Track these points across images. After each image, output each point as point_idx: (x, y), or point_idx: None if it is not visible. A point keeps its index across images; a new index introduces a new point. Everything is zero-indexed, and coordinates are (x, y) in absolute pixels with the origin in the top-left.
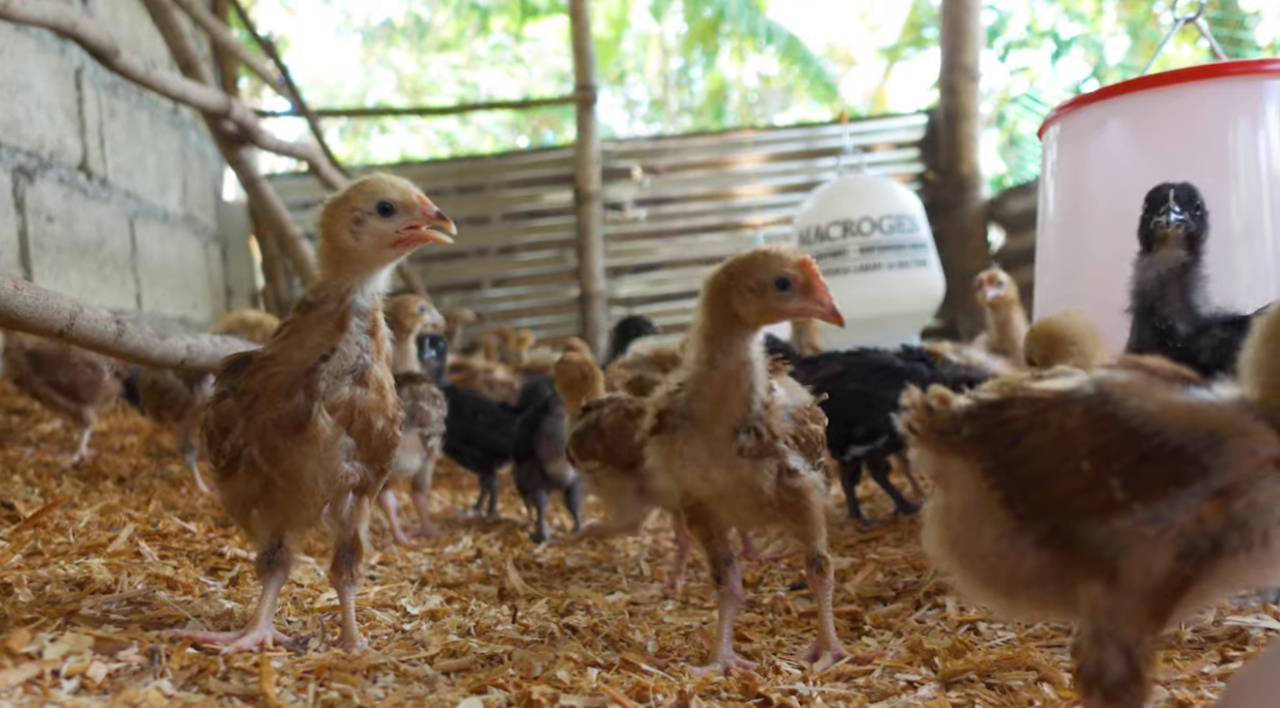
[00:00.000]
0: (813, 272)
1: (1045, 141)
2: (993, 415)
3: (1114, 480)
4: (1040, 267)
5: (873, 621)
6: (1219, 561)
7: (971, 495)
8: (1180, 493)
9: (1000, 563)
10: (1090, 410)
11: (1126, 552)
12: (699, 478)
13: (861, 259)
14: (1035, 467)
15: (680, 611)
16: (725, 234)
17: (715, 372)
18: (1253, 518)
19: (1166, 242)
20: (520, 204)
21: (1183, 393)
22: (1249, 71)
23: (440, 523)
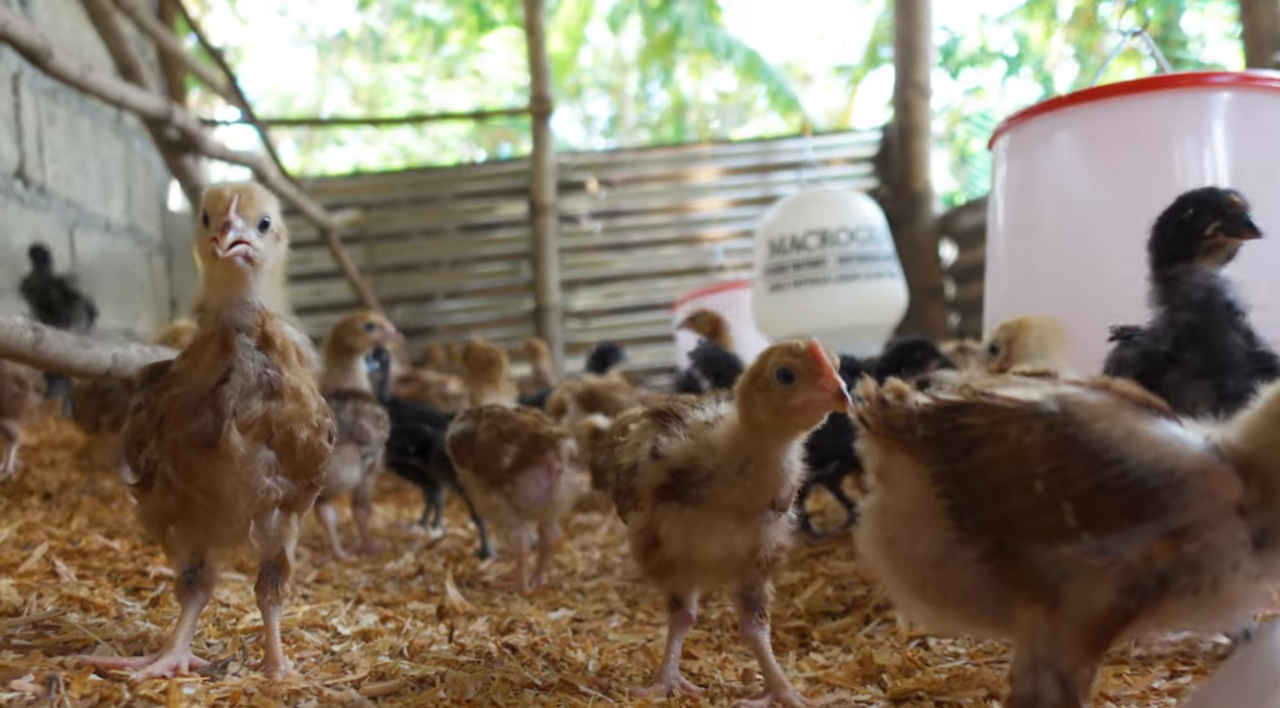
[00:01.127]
0: (816, 357)
1: (995, 153)
2: (949, 419)
3: (1067, 506)
4: (991, 277)
5: (821, 636)
6: (1164, 600)
7: (916, 499)
8: (1133, 528)
9: (935, 573)
10: (1051, 428)
11: (1070, 579)
12: (720, 547)
13: (841, 269)
14: (987, 480)
15: (626, 627)
16: (682, 247)
17: (749, 479)
18: (1205, 561)
19: (1217, 252)
20: (475, 216)
21: (1151, 424)
22: (1195, 84)
23: (384, 539)
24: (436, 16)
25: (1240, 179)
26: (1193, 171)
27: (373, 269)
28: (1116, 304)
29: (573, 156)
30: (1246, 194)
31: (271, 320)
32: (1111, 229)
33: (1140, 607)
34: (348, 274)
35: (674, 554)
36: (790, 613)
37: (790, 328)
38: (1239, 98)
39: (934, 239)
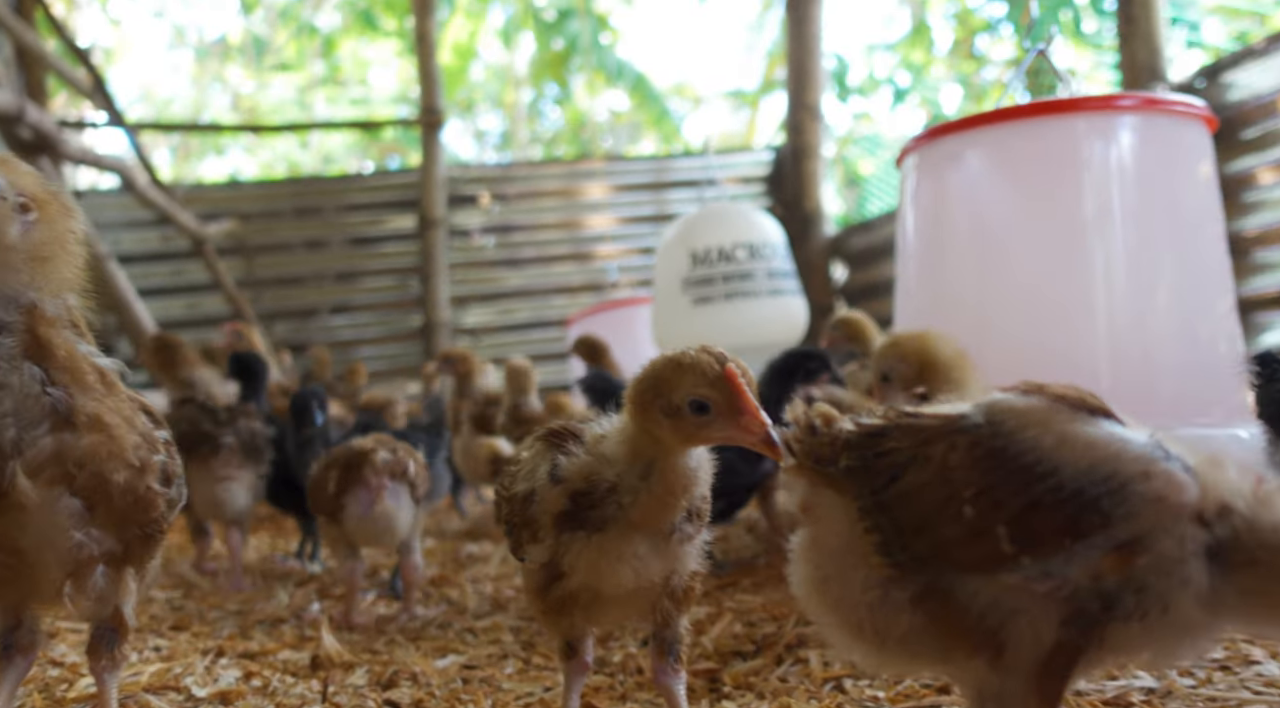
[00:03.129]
0: (737, 389)
1: (904, 171)
2: (872, 446)
3: (1000, 529)
4: (901, 295)
5: (732, 680)
6: (1111, 626)
7: (845, 535)
8: (1077, 545)
9: (872, 615)
10: (977, 444)
11: (1014, 618)
12: (632, 574)
13: (770, 283)
14: (914, 509)
15: (521, 673)
16: (575, 264)
17: (653, 482)
18: (1154, 579)
19: None
20: (362, 229)
21: (1087, 425)
22: (1102, 107)
23: (254, 575)
24: (323, 24)
25: (1144, 199)
26: (1099, 191)
27: (252, 282)
28: (1026, 322)
29: (464, 170)
30: (1150, 215)
31: (45, 323)
32: (1021, 247)
33: (1087, 638)
34: (224, 287)
35: (578, 587)
36: (699, 653)
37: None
38: (1143, 120)
39: (825, 259)
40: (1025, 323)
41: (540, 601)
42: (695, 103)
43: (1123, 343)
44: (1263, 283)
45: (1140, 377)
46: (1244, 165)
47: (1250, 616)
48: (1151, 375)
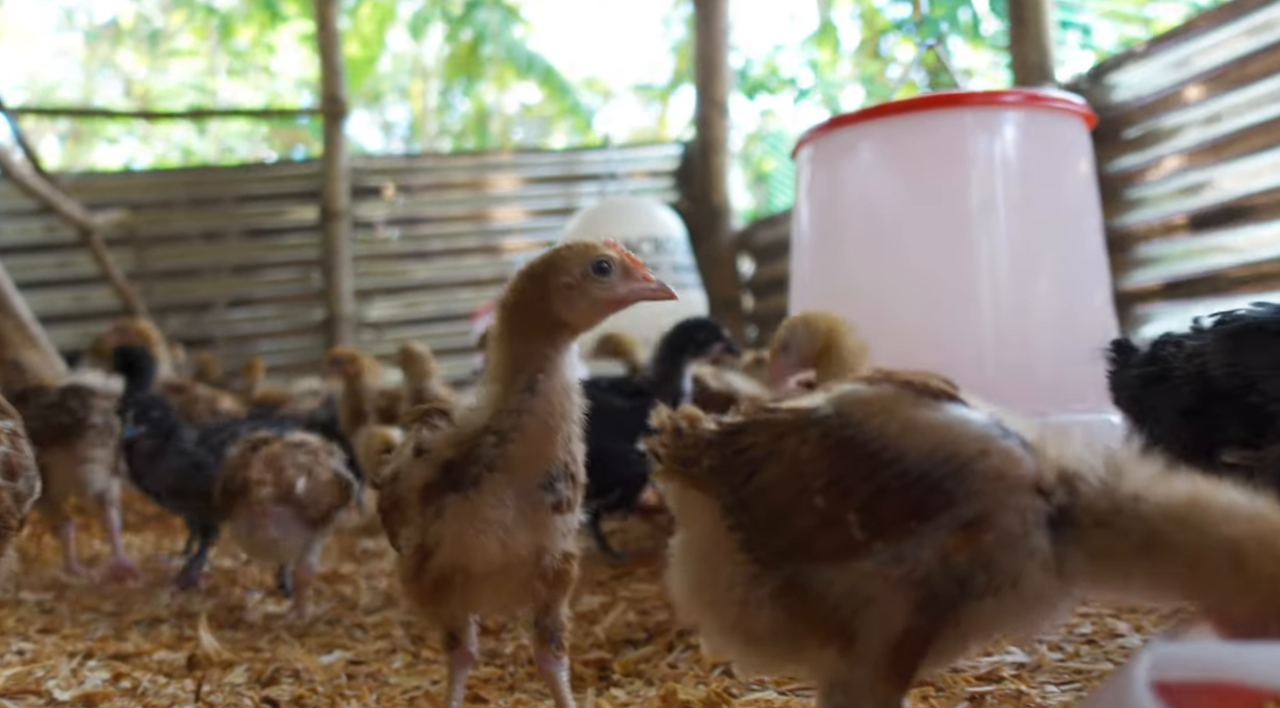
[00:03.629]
0: (625, 252)
1: (799, 163)
2: (732, 443)
3: (851, 517)
4: (796, 285)
5: (622, 668)
6: (964, 607)
7: (712, 536)
8: (924, 527)
9: (740, 614)
10: (827, 435)
11: (866, 606)
12: (499, 547)
13: (674, 277)
14: (771, 503)
15: (410, 668)
16: (484, 257)
17: (538, 398)
18: (1001, 555)
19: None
20: (262, 220)
21: (930, 410)
22: (987, 102)
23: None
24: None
25: (1027, 189)
26: (984, 184)
27: (143, 275)
28: (916, 311)
29: (368, 161)
30: (1032, 208)
31: None
32: (910, 238)
33: (940, 622)
34: (112, 279)
35: (449, 567)
36: (590, 643)
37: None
38: (1027, 115)
39: (733, 253)
40: (915, 312)
41: (414, 587)
42: (606, 96)
43: (1005, 331)
44: (1145, 276)
45: (1021, 364)
46: (1127, 163)
47: (1099, 578)
48: (1032, 363)
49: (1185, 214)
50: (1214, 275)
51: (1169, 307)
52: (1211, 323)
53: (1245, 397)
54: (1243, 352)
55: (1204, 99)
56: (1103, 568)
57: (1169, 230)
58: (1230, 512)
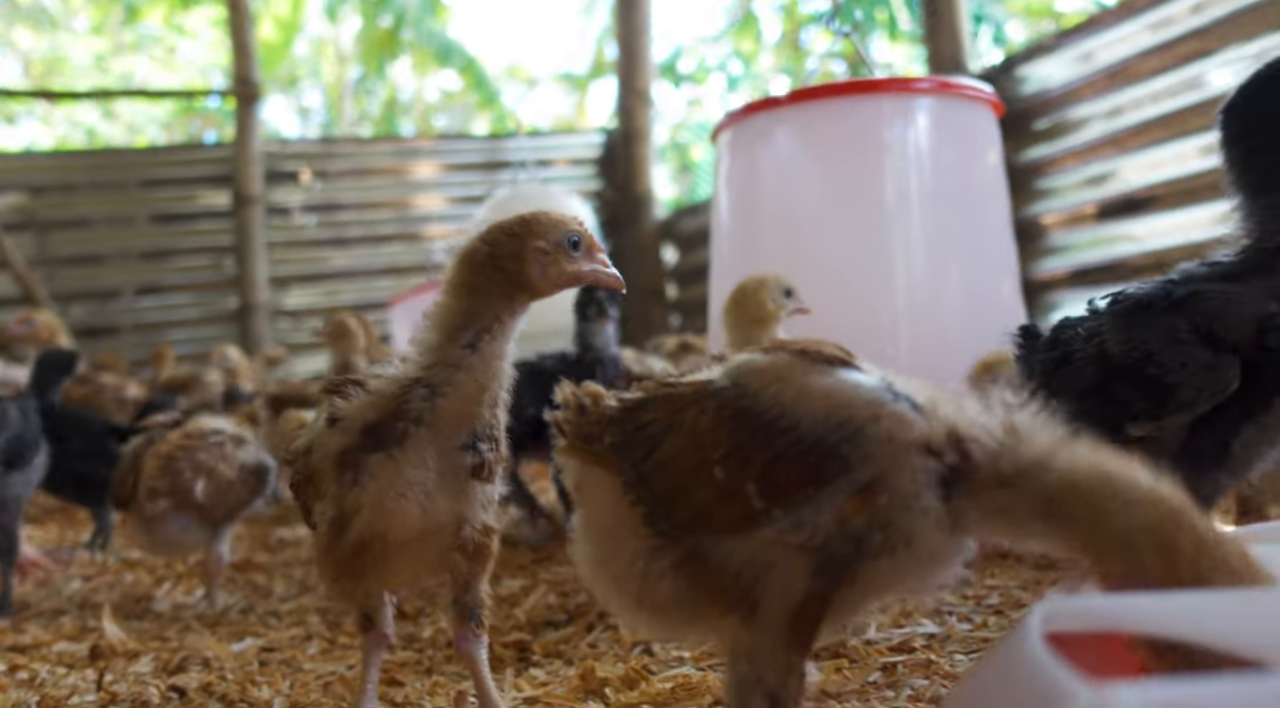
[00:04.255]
0: (589, 232)
1: (718, 149)
2: (632, 419)
3: (750, 487)
4: (716, 273)
5: (542, 649)
6: (861, 567)
7: (614, 511)
8: (822, 492)
9: (644, 586)
10: (724, 406)
11: (767, 573)
12: (419, 511)
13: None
14: (672, 477)
15: (325, 654)
16: (404, 244)
17: (477, 355)
18: (896, 515)
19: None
20: (172, 205)
21: (825, 376)
22: (900, 88)
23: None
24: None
25: (939, 176)
26: (898, 168)
27: (45, 261)
28: (832, 297)
29: (283, 145)
30: (944, 196)
31: None
32: (826, 221)
33: (838, 583)
34: (11, 265)
35: (367, 535)
36: (510, 625)
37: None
38: (939, 102)
39: (656, 242)
40: (831, 297)
41: (330, 562)
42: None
43: (919, 317)
44: (1053, 264)
45: (934, 349)
46: (1036, 154)
47: (992, 532)
48: (943, 348)
49: (1091, 204)
50: (1118, 264)
51: (1076, 294)
52: (1105, 304)
53: (1144, 370)
54: (1136, 328)
55: (1107, 92)
56: (997, 525)
57: (1076, 220)
58: (1131, 495)
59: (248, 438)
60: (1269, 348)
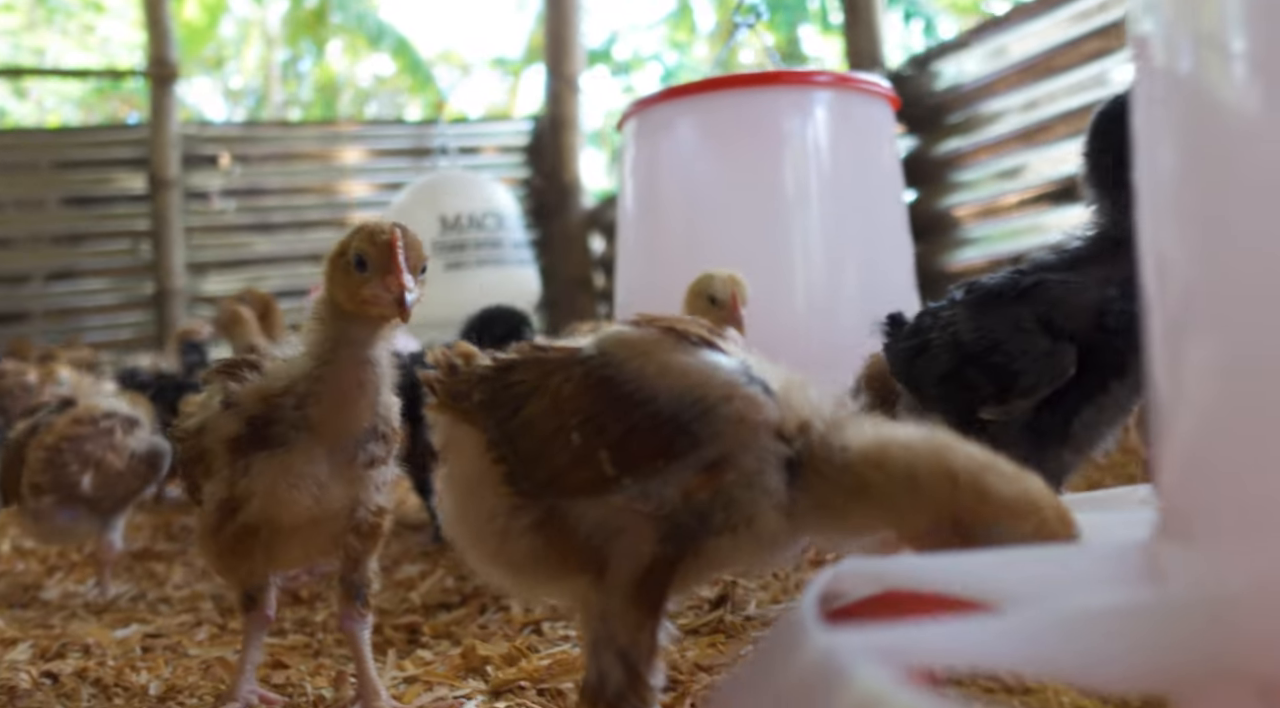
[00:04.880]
0: (391, 251)
1: (623, 138)
2: (502, 379)
3: (604, 453)
4: (621, 258)
5: (431, 631)
6: (705, 541)
7: (476, 468)
8: (671, 466)
9: (503, 543)
10: (589, 374)
11: (617, 537)
12: (312, 501)
13: (515, 253)
14: (533, 438)
15: (215, 639)
16: (331, 230)
17: (329, 368)
18: (740, 493)
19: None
20: (85, 188)
21: (687, 354)
22: (800, 82)
23: None
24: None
25: (837, 169)
26: (797, 160)
27: None
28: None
29: (201, 128)
30: (841, 185)
31: None
32: (726, 211)
33: (682, 552)
34: None
35: (258, 519)
36: (404, 608)
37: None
38: (837, 96)
39: (584, 231)
40: None
41: (215, 539)
42: (462, 70)
43: (817, 308)
44: (969, 255)
45: (830, 339)
46: (952, 147)
47: (819, 526)
48: (840, 340)
49: (1005, 196)
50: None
51: None
52: (960, 293)
53: (991, 357)
54: (985, 317)
55: (1021, 86)
56: (825, 515)
57: (990, 212)
58: (907, 444)
59: (141, 421)
60: (1105, 332)
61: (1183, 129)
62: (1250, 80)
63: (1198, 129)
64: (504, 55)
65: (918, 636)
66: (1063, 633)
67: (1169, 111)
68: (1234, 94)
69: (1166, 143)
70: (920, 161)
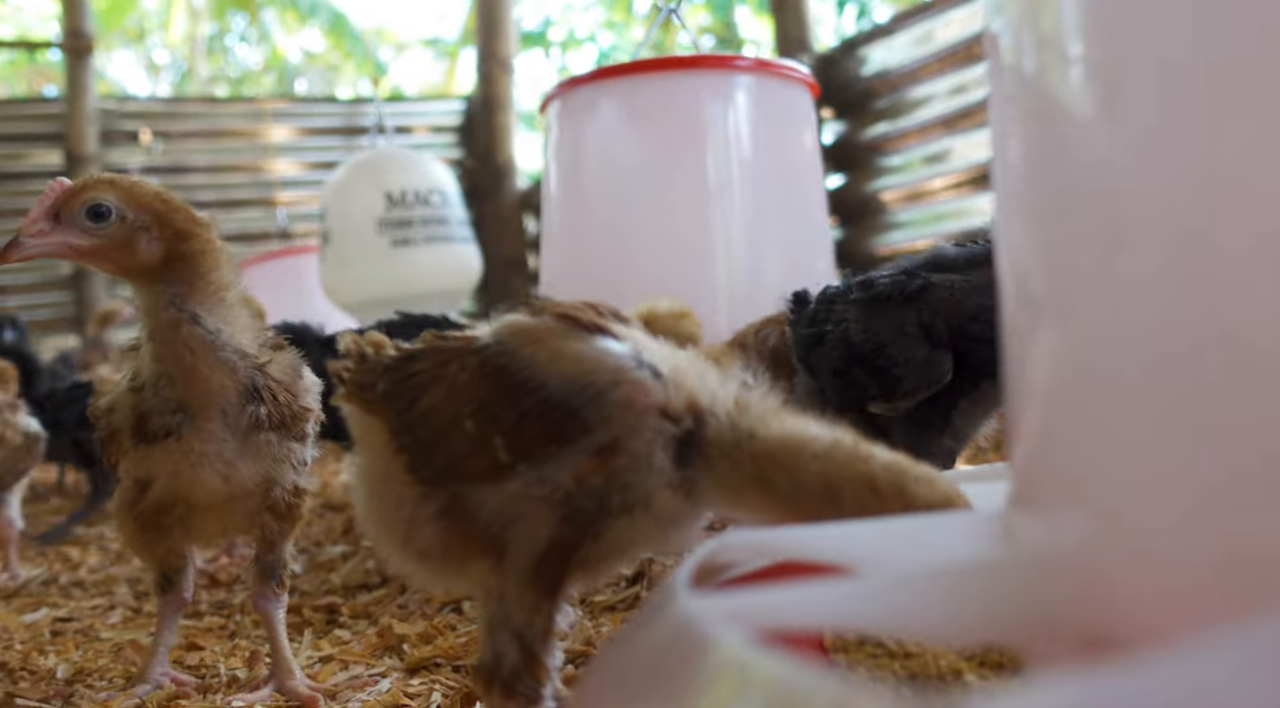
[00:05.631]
0: (44, 200)
1: (547, 119)
2: (403, 369)
3: (498, 440)
4: (545, 241)
5: (350, 611)
6: (605, 523)
7: (382, 458)
8: (563, 451)
9: (409, 531)
10: (485, 363)
11: (513, 523)
12: (220, 480)
13: (460, 230)
14: (431, 427)
15: (128, 622)
16: (257, 209)
17: (154, 344)
18: (632, 476)
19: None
20: (0, 164)
21: (580, 341)
22: (720, 66)
23: None
24: None
25: (758, 152)
26: (718, 144)
27: None
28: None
29: (121, 103)
30: (762, 170)
31: None
32: (648, 195)
33: (582, 535)
34: None
35: (167, 497)
36: (324, 589)
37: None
38: (758, 81)
39: (517, 212)
40: (654, 273)
41: (132, 519)
42: (396, 48)
43: (738, 292)
44: (897, 239)
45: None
46: (879, 132)
47: (724, 503)
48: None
49: (932, 181)
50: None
51: None
52: (854, 290)
53: (876, 360)
54: (873, 318)
55: (947, 72)
56: (726, 495)
57: (917, 196)
58: (820, 453)
59: (20, 404)
60: (976, 340)
61: (1027, 127)
62: (1086, 84)
63: (1040, 128)
64: (439, 36)
65: (774, 599)
66: (910, 592)
67: (1015, 110)
68: (1072, 96)
69: (1014, 140)
70: (848, 146)
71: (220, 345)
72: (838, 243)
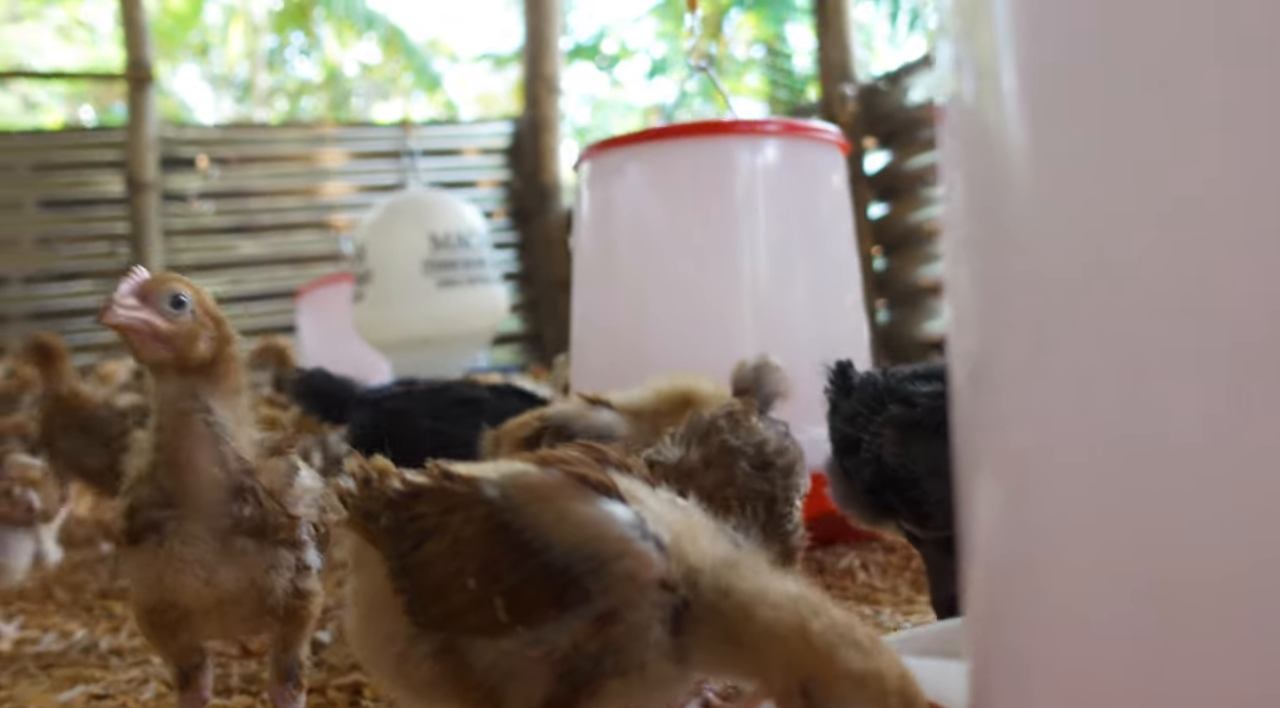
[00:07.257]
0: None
1: (580, 177)
2: (407, 508)
3: (499, 600)
4: (577, 287)
5: (372, 693)
6: (600, 683)
7: (379, 590)
8: (563, 616)
9: (401, 665)
10: (490, 517)
11: (510, 678)
12: (202, 584)
13: (493, 271)
14: (431, 576)
15: (160, 699)
16: (314, 232)
17: (161, 433)
18: (628, 643)
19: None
20: (63, 191)
21: (586, 503)
22: (748, 131)
23: None
24: None
25: (786, 216)
26: (746, 208)
27: None
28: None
29: (179, 130)
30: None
31: None
32: (677, 257)
33: (577, 694)
34: None
35: (157, 599)
36: (349, 664)
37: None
38: (785, 144)
39: (563, 233)
40: (682, 331)
41: (141, 617)
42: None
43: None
44: (941, 268)
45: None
46: (923, 161)
47: (708, 667)
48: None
49: None
50: None
51: None
52: (891, 400)
53: (909, 492)
54: (909, 446)
55: None
56: (711, 658)
57: None
58: (776, 603)
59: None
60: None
61: (967, 159)
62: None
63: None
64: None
65: None
66: None
67: (957, 141)
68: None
69: (957, 174)
70: (892, 175)
71: (223, 440)
72: (880, 273)
